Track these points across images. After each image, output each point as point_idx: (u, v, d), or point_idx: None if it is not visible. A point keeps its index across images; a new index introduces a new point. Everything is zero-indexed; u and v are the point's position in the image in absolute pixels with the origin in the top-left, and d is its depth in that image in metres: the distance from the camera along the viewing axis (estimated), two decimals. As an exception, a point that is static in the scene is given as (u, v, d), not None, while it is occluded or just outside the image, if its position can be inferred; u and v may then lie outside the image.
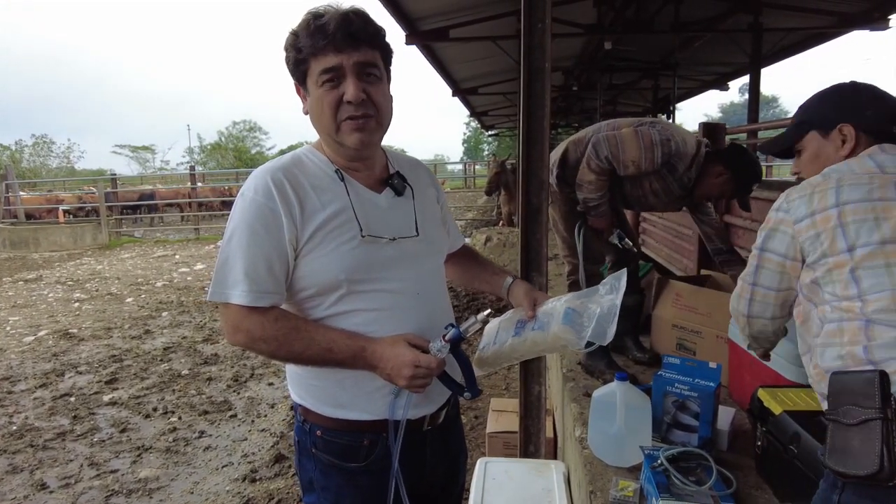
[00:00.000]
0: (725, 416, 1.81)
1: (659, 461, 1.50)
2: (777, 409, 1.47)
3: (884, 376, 0.92)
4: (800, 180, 1.19)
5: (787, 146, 1.27)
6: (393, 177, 1.23)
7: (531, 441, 2.36)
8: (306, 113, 1.17)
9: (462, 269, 1.52)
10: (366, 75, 1.10)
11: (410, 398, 1.15)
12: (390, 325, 1.14)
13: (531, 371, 2.30)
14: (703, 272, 2.83)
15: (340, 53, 1.06)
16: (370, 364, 1.11)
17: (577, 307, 1.25)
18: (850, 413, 0.92)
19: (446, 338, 1.13)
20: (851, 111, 1.15)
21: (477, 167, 28.81)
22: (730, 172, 2.10)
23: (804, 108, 1.24)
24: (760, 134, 7.06)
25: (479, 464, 1.92)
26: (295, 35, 1.11)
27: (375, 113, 1.12)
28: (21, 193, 16.13)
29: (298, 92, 1.17)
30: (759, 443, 1.57)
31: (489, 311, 1.22)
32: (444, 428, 1.29)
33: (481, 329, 1.24)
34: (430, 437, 1.25)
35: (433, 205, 1.33)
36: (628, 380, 1.68)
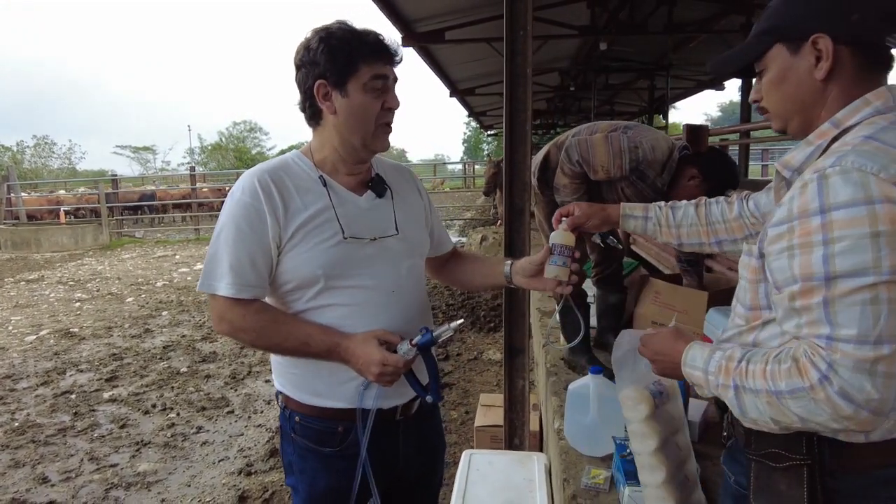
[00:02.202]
0: (697, 408, 1.88)
1: (628, 450, 1.58)
2: (740, 401, 1.54)
3: None
4: (761, 111, 0.94)
5: (745, 63, 0.94)
6: (374, 179, 1.31)
7: (516, 434, 2.44)
8: (334, 113, 1.20)
9: (460, 271, 1.55)
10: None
11: (380, 389, 1.23)
12: (364, 321, 1.22)
13: (515, 366, 2.38)
14: (685, 270, 2.91)
15: (388, 66, 1.21)
16: (343, 359, 1.19)
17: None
18: (774, 456, 0.88)
19: (414, 342, 1.20)
20: (829, 15, 0.84)
21: (476, 167, 28.85)
22: (702, 176, 2.15)
23: (770, 11, 0.91)
24: (752, 134, 7.13)
25: (465, 456, 2.00)
26: (341, 35, 1.16)
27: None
28: (23, 194, 16.23)
29: (318, 92, 1.18)
30: (725, 433, 1.64)
31: (461, 320, 1.31)
32: (419, 419, 1.36)
33: (452, 336, 1.30)
34: (404, 426, 1.32)
35: (416, 208, 1.40)
36: (602, 373, 1.76)
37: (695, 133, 3.18)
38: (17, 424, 3.88)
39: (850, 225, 0.74)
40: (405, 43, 6.47)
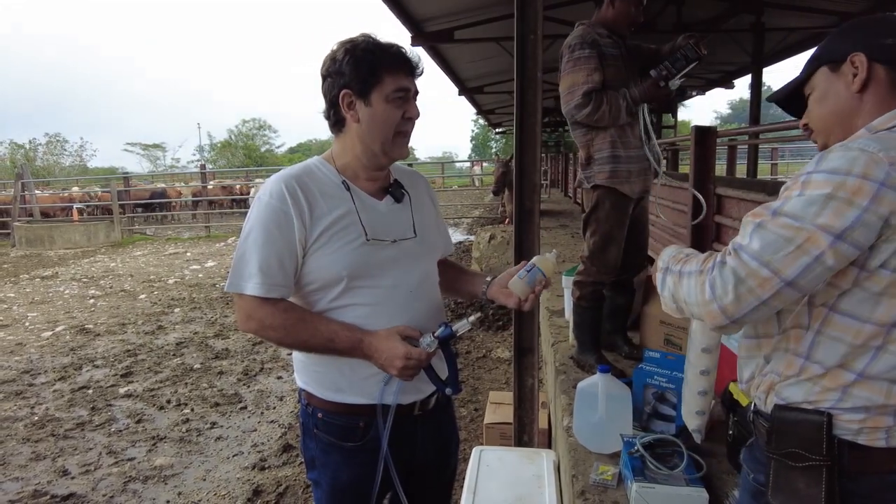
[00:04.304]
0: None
1: (636, 447, 1.63)
2: (745, 401, 1.59)
3: (830, 420, 0.88)
4: (807, 130, 1.03)
5: (794, 87, 1.05)
6: (393, 185, 1.37)
7: (525, 431, 2.49)
8: (357, 122, 1.25)
9: (445, 276, 1.56)
10: None
11: (400, 385, 1.28)
12: (384, 320, 1.27)
13: (525, 365, 2.43)
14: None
15: (410, 78, 1.27)
16: (366, 355, 1.24)
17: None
18: (794, 455, 0.90)
19: (436, 334, 1.26)
20: (866, 38, 0.93)
21: (484, 165, 28.86)
22: None
23: (819, 45, 1.02)
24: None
25: (475, 452, 2.05)
26: (366, 47, 1.22)
27: None
28: (36, 192, 16.44)
29: (343, 101, 1.24)
30: (731, 432, 1.69)
31: (479, 314, 1.37)
32: (435, 413, 1.41)
33: (470, 329, 1.36)
34: (421, 420, 1.37)
35: (430, 212, 1.46)
36: (610, 372, 1.80)
37: (702, 135, 3.21)
38: (36, 418, 3.98)
39: (819, 186, 0.83)
40: (414, 42, 6.51)
